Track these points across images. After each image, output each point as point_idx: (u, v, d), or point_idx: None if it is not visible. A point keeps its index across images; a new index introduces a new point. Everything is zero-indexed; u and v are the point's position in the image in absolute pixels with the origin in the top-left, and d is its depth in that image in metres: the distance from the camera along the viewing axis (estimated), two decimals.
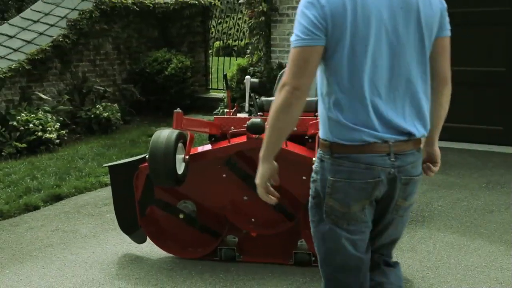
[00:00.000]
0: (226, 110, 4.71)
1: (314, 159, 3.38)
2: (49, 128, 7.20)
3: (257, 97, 4.72)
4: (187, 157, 3.67)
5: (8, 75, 7.66)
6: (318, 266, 3.69)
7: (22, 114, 7.18)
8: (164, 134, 3.58)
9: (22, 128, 7.04)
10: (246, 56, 8.98)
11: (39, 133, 7.07)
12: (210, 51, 11.17)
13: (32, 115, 7.21)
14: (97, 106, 8.31)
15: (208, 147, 3.91)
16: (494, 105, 7.20)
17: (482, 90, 7.27)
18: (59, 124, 7.49)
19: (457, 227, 4.57)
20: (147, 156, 3.59)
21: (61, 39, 8.38)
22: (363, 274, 2.27)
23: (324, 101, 2.16)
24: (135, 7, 9.40)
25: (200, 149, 3.93)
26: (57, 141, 7.33)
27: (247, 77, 4.60)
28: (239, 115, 4.44)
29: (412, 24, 2.12)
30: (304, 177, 3.74)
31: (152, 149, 3.52)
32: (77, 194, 5.68)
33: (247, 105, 4.51)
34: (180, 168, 3.61)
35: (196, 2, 10.18)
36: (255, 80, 4.82)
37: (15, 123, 7.07)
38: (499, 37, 7.06)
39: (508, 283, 3.63)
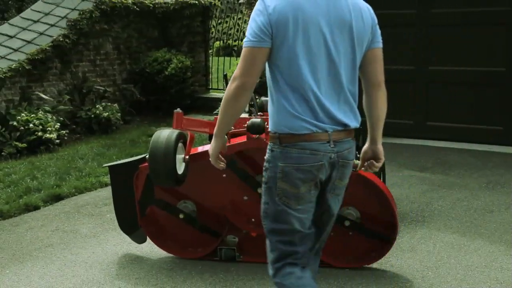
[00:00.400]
0: None
1: None
2: (49, 128, 7.20)
3: (257, 97, 4.70)
4: (187, 157, 3.67)
5: (8, 75, 7.66)
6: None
7: (22, 114, 7.18)
8: (164, 134, 3.58)
9: (22, 128, 7.04)
10: None
11: (39, 133, 7.07)
12: (210, 51, 11.16)
13: (32, 115, 7.21)
14: (97, 106, 8.31)
15: (208, 147, 3.91)
16: (494, 105, 7.20)
17: (482, 90, 7.27)
18: (59, 124, 7.49)
19: (457, 227, 4.57)
20: (147, 156, 3.59)
21: (61, 39, 8.38)
22: (305, 245, 2.62)
23: (273, 97, 2.52)
24: (135, 7, 9.40)
25: (200, 149, 3.93)
26: (57, 141, 7.33)
27: None
28: None
29: (346, 36, 2.49)
30: None
31: (152, 149, 3.52)
32: (77, 194, 5.68)
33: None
34: (180, 168, 3.61)
35: (196, 2, 10.18)
36: None
37: (15, 123, 7.07)
38: (499, 37, 7.06)
39: (508, 283, 3.63)
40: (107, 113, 8.26)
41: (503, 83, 7.11)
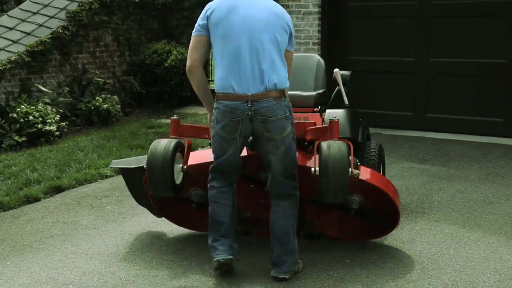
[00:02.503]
0: None
1: (312, 169, 3.41)
2: (49, 120, 7.19)
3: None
4: (185, 166, 3.67)
5: (8, 67, 7.63)
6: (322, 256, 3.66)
7: (22, 106, 7.17)
8: (162, 144, 3.56)
9: (22, 120, 7.04)
10: None
11: (39, 125, 7.06)
12: None
13: (32, 107, 7.20)
14: (97, 98, 8.29)
15: (209, 155, 3.83)
16: (495, 97, 7.20)
17: (483, 82, 7.27)
18: (59, 116, 7.49)
19: (456, 219, 4.58)
20: (145, 166, 3.58)
21: (60, 31, 8.35)
22: (230, 171, 3.54)
23: (215, 69, 3.50)
24: None
25: (201, 155, 3.96)
26: (57, 133, 7.33)
27: (336, 69, 4.42)
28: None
29: (269, 31, 3.42)
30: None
31: (150, 159, 3.52)
32: (78, 186, 5.68)
33: (345, 99, 4.39)
34: (178, 178, 3.62)
35: None
36: (344, 72, 4.60)
37: (15, 115, 7.06)
38: (500, 29, 7.05)
39: (508, 274, 3.64)
40: (107, 105, 8.25)
41: (504, 74, 7.10)
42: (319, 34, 7.82)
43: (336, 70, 4.41)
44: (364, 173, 3.71)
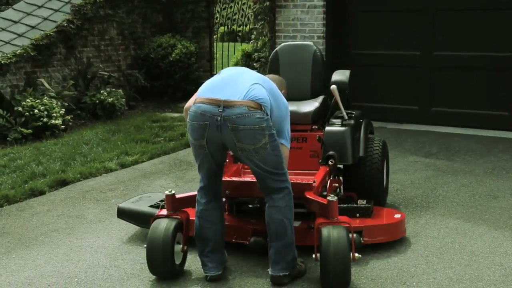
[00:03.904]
0: None
1: (313, 255, 3.40)
2: (54, 114, 7.21)
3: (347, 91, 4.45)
4: (185, 247, 3.67)
5: (13, 61, 7.65)
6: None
7: (27, 100, 7.18)
8: (162, 226, 3.55)
9: (27, 113, 7.05)
10: (251, 41, 8.96)
11: (44, 119, 7.08)
12: (214, 37, 11.11)
13: (37, 101, 7.22)
14: (101, 92, 8.30)
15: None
16: (500, 91, 7.17)
17: (488, 75, 7.24)
18: (64, 109, 7.50)
19: (461, 213, 4.57)
20: (145, 246, 3.58)
21: (65, 25, 8.36)
22: (211, 182, 3.52)
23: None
24: None
25: None
26: (62, 126, 7.34)
27: (333, 86, 4.23)
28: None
29: (261, 79, 3.52)
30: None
31: (150, 240, 3.53)
32: (82, 179, 5.70)
33: (344, 114, 4.32)
34: (178, 259, 3.63)
35: None
36: (341, 78, 4.47)
37: (20, 109, 7.08)
38: (506, 22, 7.01)
39: None
40: (111, 99, 8.26)
41: (509, 68, 7.08)
42: (324, 28, 7.80)
43: (333, 87, 4.23)
44: (371, 235, 3.86)
